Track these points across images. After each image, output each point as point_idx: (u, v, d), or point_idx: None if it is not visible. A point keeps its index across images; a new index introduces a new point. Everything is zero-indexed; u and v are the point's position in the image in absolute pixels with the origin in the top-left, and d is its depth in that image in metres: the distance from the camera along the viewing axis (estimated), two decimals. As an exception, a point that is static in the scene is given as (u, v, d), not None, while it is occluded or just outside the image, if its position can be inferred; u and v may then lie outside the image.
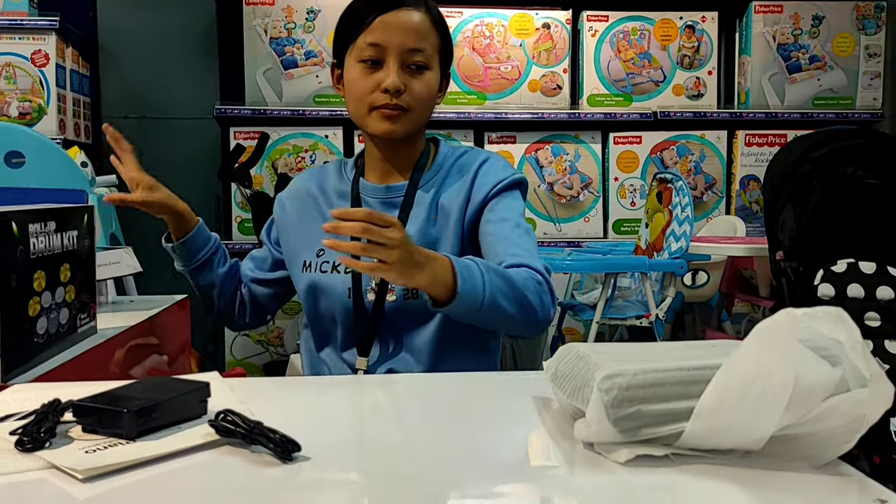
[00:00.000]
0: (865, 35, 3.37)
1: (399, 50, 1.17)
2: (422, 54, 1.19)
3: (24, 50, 2.98)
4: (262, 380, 1.03)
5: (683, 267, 2.47)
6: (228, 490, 0.64)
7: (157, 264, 1.70)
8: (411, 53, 1.18)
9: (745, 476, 0.65)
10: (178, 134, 3.45)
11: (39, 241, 1.05)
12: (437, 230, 1.22)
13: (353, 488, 0.65)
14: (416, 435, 0.80)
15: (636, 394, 0.67)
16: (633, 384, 0.67)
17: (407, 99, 1.18)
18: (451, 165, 1.27)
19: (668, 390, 0.68)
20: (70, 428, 0.73)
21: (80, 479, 0.63)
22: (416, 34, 1.18)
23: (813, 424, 0.66)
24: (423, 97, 1.20)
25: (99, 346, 1.22)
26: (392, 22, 1.17)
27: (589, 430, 0.68)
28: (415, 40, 1.18)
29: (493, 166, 1.26)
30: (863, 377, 0.66)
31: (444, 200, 1.23)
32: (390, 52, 1.17)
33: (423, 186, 1.24)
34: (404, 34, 1.17)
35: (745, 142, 3.35)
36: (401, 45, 1.17)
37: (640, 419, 0.67)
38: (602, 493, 0.64)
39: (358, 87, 1.20)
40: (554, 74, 3.32)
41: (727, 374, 0.66)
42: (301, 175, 1.38)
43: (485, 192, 1.22)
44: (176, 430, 0.73)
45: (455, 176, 1.26)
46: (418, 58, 1.19)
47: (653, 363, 0.69)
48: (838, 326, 0.66)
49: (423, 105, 1.21)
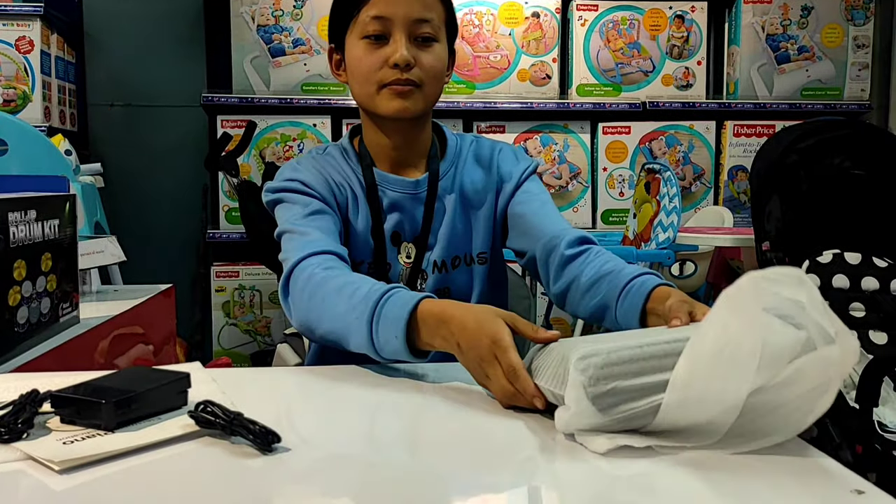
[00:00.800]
0: (854, 26, 3.38)
1: (406, 21, 1.09)
2: (429, 25, 1.10)
3: (8, 36, 2.95)
4: (245, 370, 1.02)
5: (671, 257, 2.47)
6: (207, 481, 0.63)
7: (142, 253, 1.69)
8: (418, 24, 1.09)
9: (723, 466, 0.65)
10: (165, 122, 3.42)
11: (20, 230, 1.04)
12: (465, 223, 1.18)
13: (333, 480, 0.64)
14: (397, 426, 0.80)
15: (612, 371, 0.68)
16: (608, 362, 0.68)
17: (418, 73, 1.10)
18: (467, 155, 1.22)
19: (643, 365, 0.69)
20: (48, 419, 0.72)
21: (57, 471, 0.63)
22: (422, 4, 1.10)
23: (784, 390, 0.66)
24: (435, 71, 1.12)
25: (81, 335, 1.21)
26: None
27: (569, 413, 0.68)
28: (421, 10, 1.09)
29: (512, 154, 1.24)
30: (828, 335, 0.66)
31: (469, 193, 1.19)
32: (396, 23, 1.08)
33: (443, 176, 1.19)
34: (410, 4, 1.09)
35: (734, 132, 3.35)
36: (407, 16, 1.08)
37: (618, 395, 0.68)
38: (582, 484, 0.64)
39: (363, 65, 1.10)
40: (543, 64, 3.31)
41: (698, 343, 0.67)
42: (306, 161, 1.18)
43: (515, 181, 1.20)
44: (155, 421, 0.72)
45: (474, 167, 1.21)
46: (426, 29, 1.10)
47: (625, 341, 0.71)
48: (799, 288, 0.67)
49: (434, 80, 1.12)
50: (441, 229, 1.16)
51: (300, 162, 1.18)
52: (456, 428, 0.76)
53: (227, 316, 3.18)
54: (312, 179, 1.13)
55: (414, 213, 1.16)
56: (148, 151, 3.43)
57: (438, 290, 1.15)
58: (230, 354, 3.15)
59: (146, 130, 3.42)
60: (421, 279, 1.16)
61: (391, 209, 1.16)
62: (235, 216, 3.14)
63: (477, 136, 1.27)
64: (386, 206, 1.16)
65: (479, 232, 1.18)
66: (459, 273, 1.17)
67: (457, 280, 1.17)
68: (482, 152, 1.23)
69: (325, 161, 1.17)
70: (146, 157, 3.42)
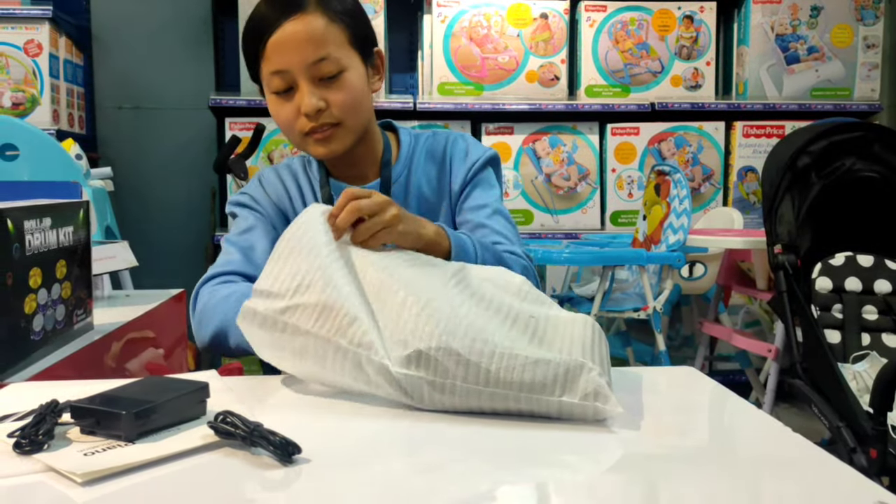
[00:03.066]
0: (864, 26, 3.37)
1: (303, 67, 1.06)
2: (329, 61, 1.07)
3: (16, 39, 2.96)
4: (261, 379, 1.02)
5: (681, 259, 2.47)
6: (229, 493, 0.63)
7: (153, 258, 1.70)
8: (317, 65, 1.07)
9: (740, 474, 0.65)
10: (174, 125, 3.43)
11: (35, 238, 1.04)
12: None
13: (354, 491, 0.64)
14: (417, 435, 0.79)
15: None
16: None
17: (332, 114, 1.09)
18: (420, 153, 1.21)
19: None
20: (68, 429, 0.72)
21: (78, 483, 0.63)
22: (314, 42, 1.06)
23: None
24: (349, 105, 1.09)
25: (96, 342, 1.21)
26: (285, 41, 1.06)
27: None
28: (315, 50, 1.06)
29: (462, 148, 1.21)
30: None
31: (425, 191, 1.19)
32: (296, 72, 1.07)
33: (396, 181, 1.19)
34: (302, 49, 1.06)
35: (743, 133, 3.34)
36: (303, 62, 1.06)
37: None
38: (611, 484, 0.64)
39: (280, 118, 1.11)
40: (551, 65, 3.31)
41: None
42: (267, 174, 1.23)
43: (461, 177, 1.18)
44: (175, 432, 0.72)
45: (428, 163, 1.21)
46: (327, 67, 1.07)
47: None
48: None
49: (352, 112, 1.10)
50: None
51: (262, 175, 1.23)
52: (476, 436, 0.76)
53: (235, 318, 3.17)
54: (261, 195, 1.19)
55: None
56: (156, 154, 3.44)
57: None
58: (239, 358, 3.15)
59: (154, 133, 3.43)
60: None
61: None
62: (244, 219, 3.14)
63: (435, 132, 1.25)
64: None
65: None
66: None
67: None
68: (435, 147, 1.22)
69: (285, 173, 1.22)
70: (154, 159, 3.43)
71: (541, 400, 0.77)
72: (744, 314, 3.26)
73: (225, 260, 1.13)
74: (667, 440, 0.76)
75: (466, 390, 0.78)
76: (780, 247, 1.97)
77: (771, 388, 2.37)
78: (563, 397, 0.76)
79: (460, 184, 1.19)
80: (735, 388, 0.92)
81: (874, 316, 1.95)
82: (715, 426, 0.84)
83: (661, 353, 2.51)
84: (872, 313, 1.95)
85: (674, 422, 0.82)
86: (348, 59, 1.09)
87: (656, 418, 0.82)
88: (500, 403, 0.78)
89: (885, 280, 1.97)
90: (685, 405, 0.89)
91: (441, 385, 0.78)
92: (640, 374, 0.96)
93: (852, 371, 1.84)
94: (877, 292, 1.96)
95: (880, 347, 1.91)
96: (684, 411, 0.87)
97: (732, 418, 0.84)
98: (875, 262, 1.98)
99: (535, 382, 0.76)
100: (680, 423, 0.82)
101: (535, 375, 0.76)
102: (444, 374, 0.78)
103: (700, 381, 0.96)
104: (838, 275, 1.98)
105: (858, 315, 1.95)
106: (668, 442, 0.76)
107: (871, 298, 1.96)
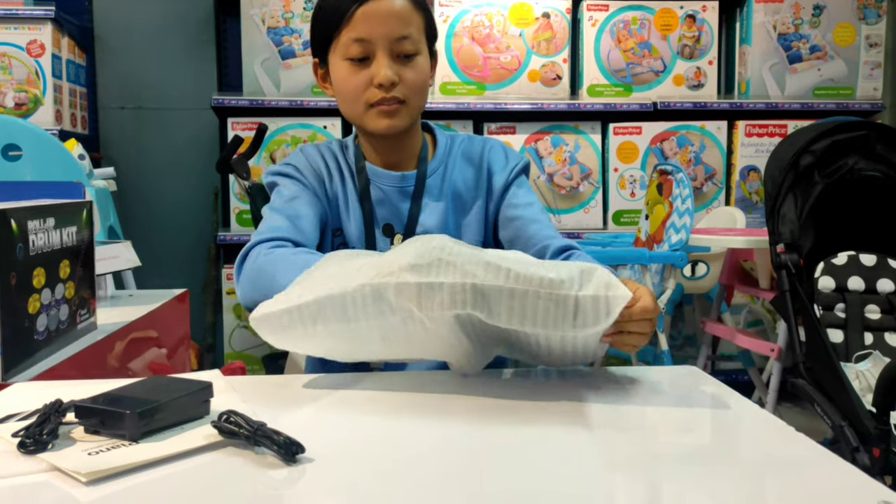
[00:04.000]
0: (866, 25, 3.36)
1: (387, 41, 1.12)
2: (409, 41, 1.13)
3: (19, 40, 2.96)
4: (264, 378, 1.03)
5: (683, 259, 2.47)
6: (233, 492, 0.63)
7: (156, 258, 1.70)
8: (399, 42, 1.12)
9: (743, 474, 0.65)
10: (176, 125, 3.43)
11: (39, 238, 1.05)
12: (458, 219, 1.22)
13: (358, 491, 0.64)
14: (420, 434, 0.79)
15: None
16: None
17: (402, 90, 1.14)
18: (457, 153, 1.26)
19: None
20: (72, 429, 0.73)
21: (83, 482, 0.63)
22: (401, 20, 1.12)
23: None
24: (418, 85, 1.16)
25: (99, 342, 1.22)
26: (374, 12, 1.11)
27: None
28: (401, 27, 1.12)
29: (501, 154, 1.26)
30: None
31: (461, 189, 1.23)
32: (377, 44, 1.12)
33: (430, 176, 1.23)
34: (389, 23, 1.11)
35: (745, 132, 3.34)
36: (388, 36, 1.11)
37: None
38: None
39: (349, 86, 1.14)
40: (554, 64, 3.31)
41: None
42: (308, 148, 1.25)
43: (503, 179, 1.23)
44: (178, 431, 0.72)
45: (464, 164, 1.25)
46: (407, 45, 1.13)
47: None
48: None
49: (418, 94, 1.17)
50: (432, 225, 1.19)
51: (304, 149, 1.26)
52: (480, 433, 0.76)
53: (238, 318, 3.18)
54: (305, 166, 1.21)
55: (400, 206, 1.21)
56: (159, 154, 3.44)
57: None
58: (241, 357, 3.16)
59: (157, 133, 3.43)
60: None
61: (380, 202, 1.21)
62: (247, 219, 3.15)
63: (469, 136, 1.30)
64: (375, 198, 1.21)
65: (471, 229, 1.21)
66: None
67: None
68: (472, 150, 1.26)
69: (326, 152, 1.25)
70: (157, 159, 3.43)
71: (559, 296, 0.81)
72: (746, 313, 3.26)
73: (272, 226, 1.11)
74: (669, 439, 0.76)
75: (485, 290, 0.81)
76: (783, 246, 1.97)
77: (773, 388, 2.37)
78: (580, 292, 0.81)
79: (503, 184, 1.23)
80: (738, 387, 0.92)
81: (877, 315, 1.94)
82: (717, 426, 0.84)
83: (664, 352, 2.50)
84: (875, 312, 1.95)
85: (676, 421, 0.82)
86: (422, 45, 1.17)
87: (659, 418, 0.82)
88: (518, 305, 0.81)
89: (888, 279, 1.97)
90: (688, 405, 0.89)
91: (461, 287, 0.81)
92: (642, 374, 0.96)
93: (855, 370, 1.84)
94: (879, 291, 1.96)
95: (883, 347, 1.91)
96: (687, 411, 0.87)
97: (735, 418, 0.84)
98: (878, 262, 1.98)
99: (554, 279, 0.81)
100: (682, 423, 0.82)
101: (557, 273, 0.82)
102: (462, 274, 0.82)
103: (703, 381, 0.96)
104: (841, 274, 1.98)
105: (861, 314, 1.95)
106: (671, 441, 0.76)
107: (873, 298, 1.96)
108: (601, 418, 0.81)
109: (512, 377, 0.98)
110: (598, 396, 0.88)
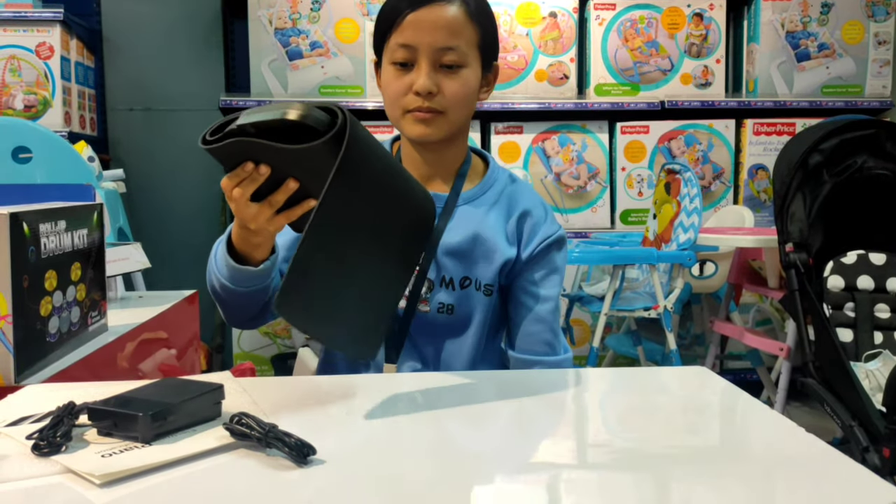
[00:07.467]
0: (875, 22, 3.35)
1: (430, 49, 1.11)
2: (455, 52, 1.12)
3: (28, 42, 2.98)
4: (275, 379, 1.03)
5: (691, 258, 2.46)
6: (245, 494, 0.64)
7: (162, 256, 1.70)
8: (443, 52, 1.11)
9: (752, 475, 0.65)
10: (184, 126, 3.44)
11: (50, 241, 1.05)
12: (476, 253, 1.17)
13: (369, 492, 0.65)
14: (431, 437, 0.80)
15: None
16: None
17: (440, 101, 1.12)
18: (502, 191, 1.21)
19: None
20: (85, 431, 0.73)
21: (97, 484, 0.63)
22: (448, 31, 1.11)
23: None
24: (458, 98, 1.13)
25: (110, 343, 1.22)
26: (422, 20, 1.11)
27: None
28: (446, 38, 1.11)
29: (541, 217, 1.21)
30: None
31: (488, 233, 1.17)
32: (421, 51, 1.11)
33: (469, 201, 1.19)
34: (435, 32, 1.11)
35: (754, 131, 3.33)
36: (432, 45, 1.11)
37: None
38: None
39: (391, 89, 1.15)
40: (561, 64, 3.31)
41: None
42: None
43: (532, 247, 1.18)
44: (191, 433, 0.73)
45: (503, 206, 1.20)
46: (451, 56, 1.12)
47: None
48: None
49: (458, 106, 1.14)
50: (454, 246, 1.16)
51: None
52: (489, 437, 0.76)
53: (246, 318, 3.19)
54: None
55: None
56: (167, 155, 3.45)
57: (443, 306, 1.14)
58: (250, 357, 3.17)
59: (165, 135, 3.45)
60: (427, 288, 1.15)
61: None
62: (255, 219, 3.15)
63: (516, 179, 1.25)
64: None
65: (487, 266, 1.17)
66: (468, 294, 1.16)
67: (464, 300, 1.16)
68: (516, 195, 1.22)
69: None
70: (166, 161, 3.45)
71: None
72: (755, 313, 3.25)
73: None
74: (678, 439, 0.76)
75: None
76: (792, 245, 1.96)
77: (783, 387, 2.37)
78: None
79: (529, 252, 1.18)
80: (746, 387, 0.92)
81: (887, 314, 1.94)
82: (726, 425, 0.84)
83: (672, 352, 2.50)
84: (885, 311, 1.94)
85: (685, 421, 0.82)
86: (472, 59, 1.15)
87: (667, 418, 0.82)
88: None
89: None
90: (696, 404, 0.89)
91: None
92: (650, 374, 0.96)
93: (865, 370, 1.83)
94: (889, 290, 1.95)
95: (893, 346, 1.90)
96: (695, 410, 0.87)
97: (744, 417, 0.84)
98: (888, 261, 1.97)
99: None
100: (691, 423, 0.82)
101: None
102: None
103: (711, 380, 0.96)
104: (850, 273, 1.97)
105: (871, 313, 1.94)
106: (680, 441, 0.76)
107: (883, 297, 1.95)
108: (610, 418, 0.81)
109: (518, 378, 0.99)
110: (607, 397, 0.88)
